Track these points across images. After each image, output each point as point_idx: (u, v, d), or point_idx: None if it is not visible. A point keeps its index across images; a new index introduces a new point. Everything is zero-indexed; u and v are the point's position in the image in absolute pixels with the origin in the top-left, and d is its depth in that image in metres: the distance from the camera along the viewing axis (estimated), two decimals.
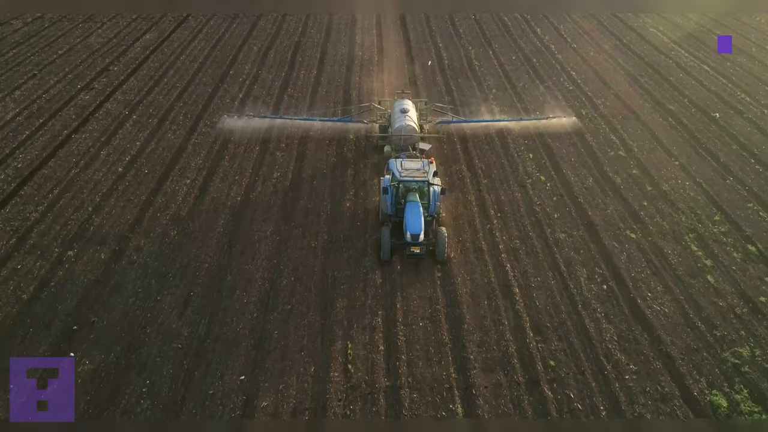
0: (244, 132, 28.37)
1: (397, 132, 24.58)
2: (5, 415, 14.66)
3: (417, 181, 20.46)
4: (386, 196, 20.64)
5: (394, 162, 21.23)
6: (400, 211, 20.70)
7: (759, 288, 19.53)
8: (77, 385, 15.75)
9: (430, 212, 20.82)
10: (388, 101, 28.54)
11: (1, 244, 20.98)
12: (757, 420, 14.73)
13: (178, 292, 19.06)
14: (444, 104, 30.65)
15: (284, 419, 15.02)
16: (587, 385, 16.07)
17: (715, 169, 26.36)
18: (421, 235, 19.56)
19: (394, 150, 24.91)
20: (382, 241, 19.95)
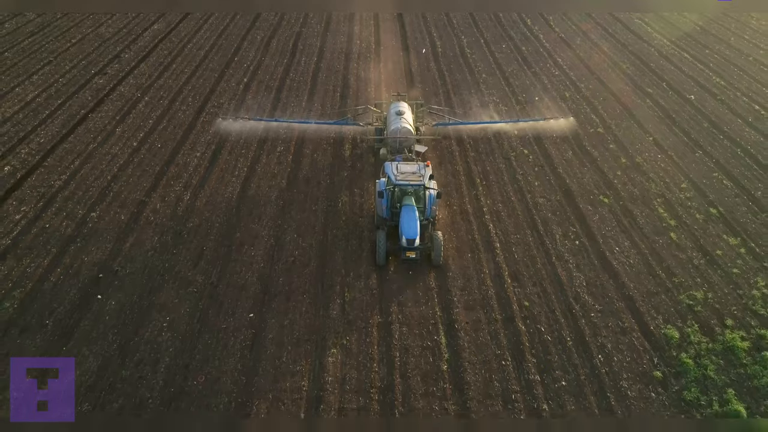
0: (248, 111, 30.46)
1: (393, 134, 24.27)
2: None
3: (413, 184, 20.20)
4: (381, 200, 20.24)
5: (390, 165, 21.03)
6: (395, 214, 20.45)
7: (717, 243, 21.61)
8: (104, 323, 17.84)
9: (425, 216, 20.53)
10: (384, 103, 28.24)
11: (30, 207, 23.05)
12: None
13: (192, 247, 21.12)
14: (440, 106, 30.79)
15: (288, 349, 17.07)
16: (557, 321, 18.17)
17: (686, 144, 28.44)
18: (416, 240, 19.34)
19: (389, 152, 24.69)
20: (378, 246, 19.67)
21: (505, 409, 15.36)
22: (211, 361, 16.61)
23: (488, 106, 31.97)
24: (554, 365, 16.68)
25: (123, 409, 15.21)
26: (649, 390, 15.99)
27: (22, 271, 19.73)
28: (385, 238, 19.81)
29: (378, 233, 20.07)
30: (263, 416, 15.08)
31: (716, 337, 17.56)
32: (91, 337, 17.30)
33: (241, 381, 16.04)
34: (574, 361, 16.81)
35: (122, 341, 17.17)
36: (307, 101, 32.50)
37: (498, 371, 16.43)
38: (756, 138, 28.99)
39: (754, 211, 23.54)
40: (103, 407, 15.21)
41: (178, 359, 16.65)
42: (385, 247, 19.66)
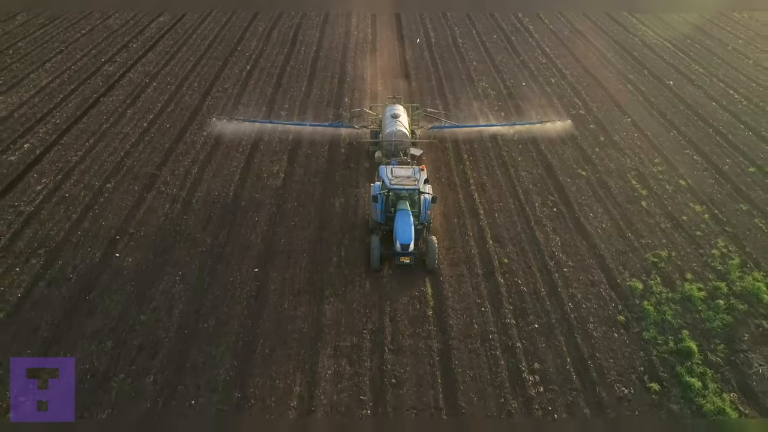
0: (251, 94, 32.30)
1: (388, 137, 24.20)
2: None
3: (407, 189, 20.05)
4: (376, 204, 20.20)
5: (385, 169, 20.85)
6: (390, 219, 20.35)
7: (683, 210, 23.48)
8: (122, 277, 19.69)
9: (420, 220, 20.41)
10: (380, 106, 28.30)
11: (50, 179, 24.90)
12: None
13: (200, 214, 22.97)
14: (436, 109, 30.79)
15: (290, 298, 18.92)
16: (533, 275, 20.04)
17: (662, 125, 30.31)
18: (411, 245, 19.27)
19: (384, 156, 24.53)
20: (372, 250, 19.62)
21: (483, 346, 17.21)
22: (220, 308, 18.47)
23: (478, 92, 33.82)
24: (528, 311, 18.54)
25: (141, 349, 17.03)
26: (613, 331, 17.85)
27: (45, 234, 21.59)
28: (379, 243, 19.70)
29: (372, 238, 19.94)
30: (267, 352, 16.93)
31: (676, 289, 19.43)
32: (111, 288, 19.15)
33: (247, 324, 17.90)
34: (547, 308, 18.67)
35: (139, 292, 19.03)
36: (306, 86, 34.35)
37: (477, 316, 18.29)
38: (728, 119, 30.86)
39: (720, 182, 25.40)
40: (124, 343, 17.05)
41: (189, 306, 18.50)
42: (379, 251, 19.60)
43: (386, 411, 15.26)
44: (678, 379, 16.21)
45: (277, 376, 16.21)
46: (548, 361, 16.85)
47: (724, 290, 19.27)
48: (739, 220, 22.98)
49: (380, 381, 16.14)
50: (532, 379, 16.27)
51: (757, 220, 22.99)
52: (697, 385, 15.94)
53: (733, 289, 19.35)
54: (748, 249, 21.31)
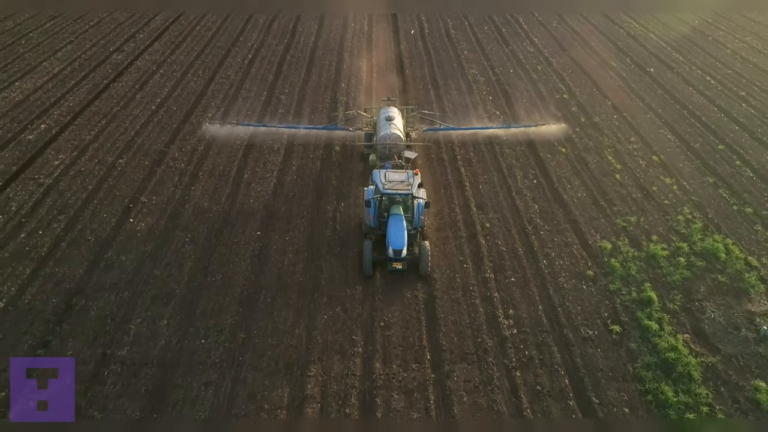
0: (254, 80, 34.16)
1: (382, 140, 23.86)
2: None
3: (400, 193, 19.85)
4: (369, 209, 19.99)
5: (378, 173, 20.63)
6: (383, 224, 20.15)
7: (654, 182, 25.35)
8: (136, 239, 21.53)
9: (414, 225, 20.22)
10: (374, 108, 28.04)
11: (66, 155, 26.74)
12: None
13: (208, 185, 24.80)
14: (431, 110, 30.71)
15: (289, 256, 20.76)
16: (512, 237, 21.90)
17: (640, 108, 32.19)
18: (403, 250, 19.07)
19: (378, 159, 24.22)
20: (365, 256, 19.47)
21: (464, 296, 19.07)
22: (226, 265, 20.31)
23: (467, 77, 35.68)
24: (506, 267, 20.41)
25: (156, 298, 18.87)
26: (582, 284, 19.72)
27: (64, 202, 23.44)
28: (372, 249, 19.59)
29: (365, 243, 19.78)
30: (269, 301, 18.78)
31: (642, 248, 21.30)
32: (126, 247, 21.01)
33: (251, 278, 19.75)
34: (523, 264, 20.54)
35: (153, 250, 20.88)
36: (305, 73, 36.22)
37: (460, 271, 20.15)
38: (703, 102, 32.75)
39: (691, 158, 27.29)
40: (140, 294, 18.91)
41: (198, 263, 20.35)
42: (372, 257, 19.47)
43: (375, 349, 17.09)
44: (637, 323, 18.08)
45: (278, 320, 18.07)
46: (522, 308, 18.72)
47: (686, 250, 21.14)
48: (705, 191, 24.86)
49: (371, 325, 17.98)
50: (507, 322, 18.13)
51: (722, 191, 24.87)
52: (654, 327, 17.80)
53: (694, 249, 21.23)
54: (711, 215, 23.18)
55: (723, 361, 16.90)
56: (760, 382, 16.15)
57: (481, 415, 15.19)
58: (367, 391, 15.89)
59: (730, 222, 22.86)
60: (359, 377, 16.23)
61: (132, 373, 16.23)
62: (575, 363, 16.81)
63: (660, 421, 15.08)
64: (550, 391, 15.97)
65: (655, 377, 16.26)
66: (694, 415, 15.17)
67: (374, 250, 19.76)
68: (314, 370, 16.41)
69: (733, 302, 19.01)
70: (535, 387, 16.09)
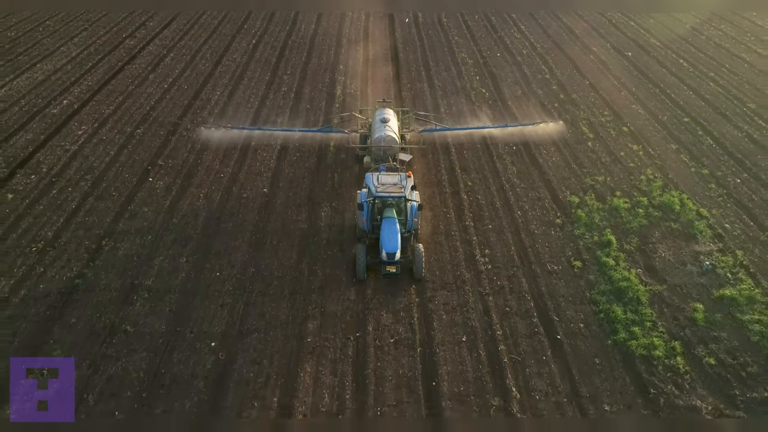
0: (258, 63, 36.80)
1: (377, 142, 23.69)
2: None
3: (393, 196, 19.81)
4: (362, 213, 19.99)
5: (371, 176, 20.57)
6: (376, 227, 20.01)
7: (622, 148, 27.97)
8: (155, 194, 24.14)
9: (407, 228, 20.12)
10: (369, 110, 27.81)
11: (89, 126, 29.37)
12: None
13: (218, 151, 27.36)
14: (426, 112, 30.78)
15: (293, 208, 23.38)
16: (491, 193, 24.52)
17: (615, 86, 34.81)
18: (397, 253, 18.99)
19: (373, 161, 23.96)
20: (358, 260, 19.27)
21: (446, 240, 21.67)
22: (237, 215, 22.93)
23: (457, 61, 38.31)
24: (485, 217, 23.03)
25: (175, 241, 21.48)
26: (551, 230, 22.34)
27: (89, 165, 26.07)
28: (365, 252, 19.51)
29: (358, 247, 19.66)
30: (275, 243, 21.39)
31: (606, 202, 23.92)
32: (147, 201, 23.64)
33: (259, 226, 22.37)
34: (500, 215, 23.16)
35: (171, 204, 23.51)
36: (306, 57, 38.84)
37: (443, 220, 22.77)
38: (674, 82, 35.38)
39: (658, 129, 29.90)
40: (161, 238, 21.53)
41: (212, 214, 22.95)
42: (365, 261, 19.37)
43: (367, 281, 19.63)
44: (597, 260, 20.70)
45: (283, 258, 20.70)
46: (497, 249, 21.34)
47: (645, 203, 23.75)
48: (668, 156, 27.48)
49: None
50: (483, 260, 20.76)
51: (683, 156, 27.49)
52: (611, 263, 20.42)
53: (653, 203, 23.84)
54: (671, 176, 25.79)
55: (668, 290, 19.51)
56: (699, 304, 18.75)
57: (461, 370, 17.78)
58: (360, 311, 18.49)
59: (687, 181, 25.49)
60: (353, 301, 18.83)
61: (157, 298, 18.87)
62: (540, 290, 19.44)
63: (659, 420, 15.25)
64: (517, 311, 18.60)
65: (608, 301, 18.88)
66: (639, 329, 17.76)
67: (368, 253, 19.64)
68: (314, 296, 19.03)
69: (682, 244, 21.63)
70: (504, 308, 18.71)
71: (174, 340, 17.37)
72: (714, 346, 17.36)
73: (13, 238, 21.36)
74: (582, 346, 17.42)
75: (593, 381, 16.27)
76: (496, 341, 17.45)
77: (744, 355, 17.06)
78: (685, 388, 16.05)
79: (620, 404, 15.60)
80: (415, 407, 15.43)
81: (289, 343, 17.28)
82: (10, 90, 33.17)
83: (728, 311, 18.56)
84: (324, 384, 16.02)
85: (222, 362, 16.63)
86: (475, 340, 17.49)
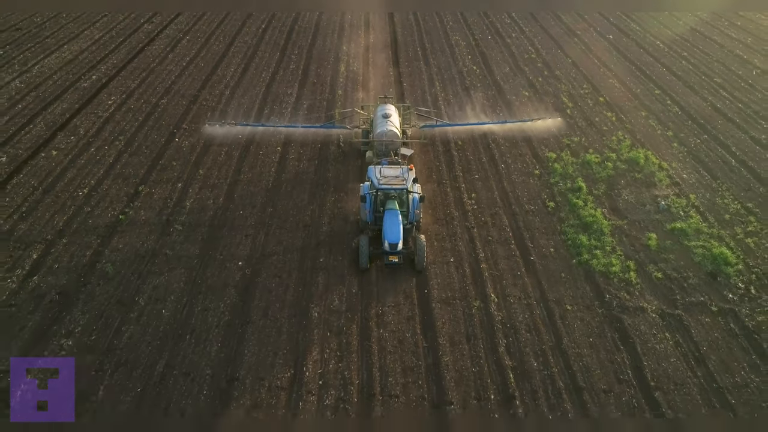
0: (267, 44, 40.03)
1: (379, 137, 24.24)
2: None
3: (395, 189, 20.24)
4: (365, 204, 20.48)
5: (373, 169, 21.04)
6: (378, 219, 20.46)
7: (597, 116, 31.21)
8: (182, 152, 27.27)
9: (409, 220, 20.57)
10: (371, 106, 28.34)
11: (117, 97, 32.61)
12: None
13: (236, 118, 30.53)
14: (427, 107, 31.45)
15: (304, 162, 26.57)
16: (478, 150, 27.72)
17: (595, 64, 38.05)
18: (399, 244, 19.46)
19: (375, 155, 24.47)
20: (361, 250, 19.69)
21: (438, 187, 24.88)
22: (255, 168, 26.11)
23: (451, 42, 41.56)
24: (472, 169, 26.24)
25: (202, 187, 24.66)
26: (529, 179, 25.55)
27: (121, 128, 29.29)
28: (368, 243, 19.99)
29: (361, 238, 20.08)
30: (289, 190, 24.58)
31: (579, 157, 27.14)
32: (176, 157, 26.85)
33: (275, 175, 25.56)
34: (485, 167, 26.37)
35: (196, 160, 26.70)
36: (312, 39, 42.06)
37: (436, 171, 25.97)
38: (650, 60, 38.62)
39: (631, 99, 33.14)
40: (190, 185, 24.74)
41: (232, 167, 26.13)
42: (368, 251, 19.83)
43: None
44: (568, 202, 23.91)
45: (297, 200, 23.91)
46: (482, 193, 24.57)
47: (614, 158, 26.96)
48: (638, 121, 30.68)
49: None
50: (470, 201, 23.97)
51: (651, 121, 30.70)
52: (581, 204, 23.62)
53: (621, 158, 27.04)
54: (639, 137, 29.02)
55: (628, 224, 22.73)
56: (653, 234, 21.95)
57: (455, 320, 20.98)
58: None
59: (653, 141, 28.70)
60: (356, 233, 22.01)
61: (190, 229, 22.08)
62: (518, 224, 22.66)
63: (656, 421, 15.27)
64: (497, 240, 21.83)
65: (575, 232, 22.09)
66: (600, 253, 20.95)
67: (371, 244, 20.21)
68: (324, 229, 22.25)
69: (643, 190, 24.85)
70: (487, 238, 21.94)
71: (207, 260, 20.57)
72: (662, 264, 20.59)
73: (61, 185, 24.59)
74: (551, 265, 20.63)
75: (559, 290, 19.49)
76: (478, 261, 20.66)
77: (687, 271, 20.29)
78: (635, 294, 19.28)
79: (580, 305, 18.83)
80: (410, 308, 18.64)
81: (304, 263, 20.49)
82: (42, 67, 36.38)
83: (677, 239, 21.79)
84: (334, 291, 19.21)
85: (248, 276, 19.84)
86: (461, 261, 20.70)
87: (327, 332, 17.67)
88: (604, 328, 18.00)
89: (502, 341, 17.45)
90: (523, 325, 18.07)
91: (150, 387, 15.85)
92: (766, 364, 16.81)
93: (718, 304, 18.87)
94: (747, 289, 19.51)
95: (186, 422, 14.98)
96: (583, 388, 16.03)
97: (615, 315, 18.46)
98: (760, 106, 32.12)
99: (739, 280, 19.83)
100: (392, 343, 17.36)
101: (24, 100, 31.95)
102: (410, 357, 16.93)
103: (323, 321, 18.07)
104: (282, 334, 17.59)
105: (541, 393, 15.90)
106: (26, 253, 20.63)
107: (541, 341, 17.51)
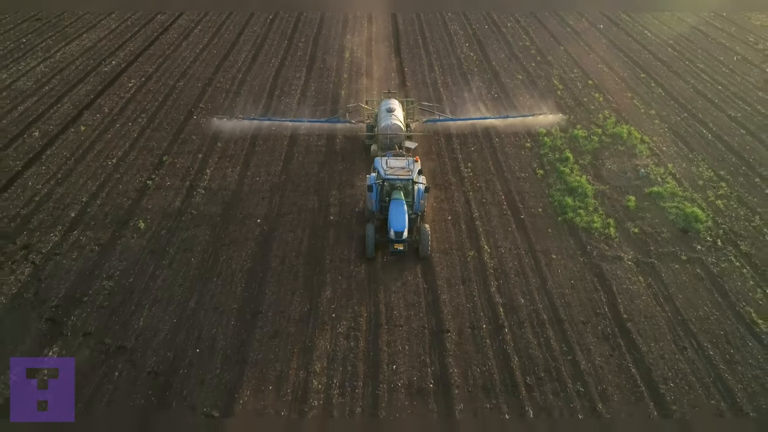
0: (275, 33, 42.28)
1: (383, 131, 24.86)
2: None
3: (401, 179, 20.82)
4: (371, 194, 21.08)
5: (380, 160, 21.78)
6: (384, 208, 21.04)
7: (586, 96, 33.46)
8: (200, 129, 29.48)
9: (414, 210, 21.09)
10: (375, 101, 28.95)
11: (136, 81, 34.81)
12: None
13: (249, 98, 32.75)
14: (431, 103, 32.03)
15: (315, 137, 28.78)
16: (478, 137, 29.81)
17: (585, 51, 40.31)
18: (404, 232, 19.98)
19: (380, 149, 25.09)
20: (367, 238, 20.32)
21: (437, 157, 27.13)
22: (268, 141, 28.33)
23: (450, 30, 43.81)
24: (469, 143, 28.48)
25: (222, 157, 26.87)
26: (521, 151, 27.80)
27: (143, 108, 31.49)
28: (374, 231, 20.53)
29: (367, 226, 20.73)
30: (301, 160, 26.81)
31: (567, 132, 29.36)
32: (195, 132, 29.07)
33: (287, 147, 27.79)
34: (481, 141, 28.60)
35: (214, 134, 28.92)
36: (316, 30, 44.32)
37: (435, 144, 28.20)
38: (638, 48, 40.90)
39: (618, 83, 35.39)
40: (210, 156, 26.97)
41: (247, 140, 28.34)
42: (374, 239, 20.38)
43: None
44: (556, 170, 26.14)
45: (308, 168, 26.16)
46: (478, 163, 26.81)
47: (599, 133, 29.20)
48: (623, 102, 32.94)
49: (367, 171, 25.98)
50: (466, 170, 26.21)
51: (636, 101, 32.95)
52: (567, 171, 25.85)
53: (606, 133, 29.28)
54: (624, 115, 31.27)
55: (610, 189, 24.97)
56: (632, 197, 24.18)
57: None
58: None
59: (636, 118, 30.94)
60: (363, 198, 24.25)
61: (212, 193, 24.32)
62: (510, 189, 24.91)
63: (661, 420, 15.45)
64: (491, 201, 24.07)
65: (561, 195, 24.33)
66: (584, 212, 23.17)
67: (377, 233, 20.77)
68: (334, 193, 24.49)
69: (625, 160, 27.09)
70: (481, 200, 24.18)
71: (228, 218, 22.81)
72: (639, 222, 22.85)
73: (92, 156, 26.81)
74: (539, 222, 22.88)
75: (545, 242, 21.74)
76: (473, 219, 22.90)
77: (661, 227, 22.54)
78: (614, 246, 21.54)
79: (564, 255, 21.07)
80: (412, 258, 20.85)
81: (317, 221, 22.72)
82: (64, 54, 38.59)
83: (654, 201, 24.04)
84: (344, 244, 21.42)
85: (266, 231, 22.08)
86: (458, 219, 22.94)
87: (338, 276, 19.91)
88: (585, 273, 20.25)
89: (494, 283, 19.70)
90: (513, 271, 20.32)
91: (184, 319, 18.08)
92: (727, 300, 19.07)
93: (688, 254, 21.13)
94: (714, 242, 21.76)
95: (187, 421, 15.10)
96: (564, 319, 18.28)
97: (595, 263, 20.70)
98: (738, 88, 34.39)
99: (708, 235, 22.09)
100: (396, 285, 19.60)
101: (50, 82, 34.15)
102: (412, 295, 19.17)
103: (335, 267, 20.31)
104: (298, 277, 19.83)
105: (527, 324, 18.14)
106: (65, 212, 22.86)
107: (529, 283, 19.75)
